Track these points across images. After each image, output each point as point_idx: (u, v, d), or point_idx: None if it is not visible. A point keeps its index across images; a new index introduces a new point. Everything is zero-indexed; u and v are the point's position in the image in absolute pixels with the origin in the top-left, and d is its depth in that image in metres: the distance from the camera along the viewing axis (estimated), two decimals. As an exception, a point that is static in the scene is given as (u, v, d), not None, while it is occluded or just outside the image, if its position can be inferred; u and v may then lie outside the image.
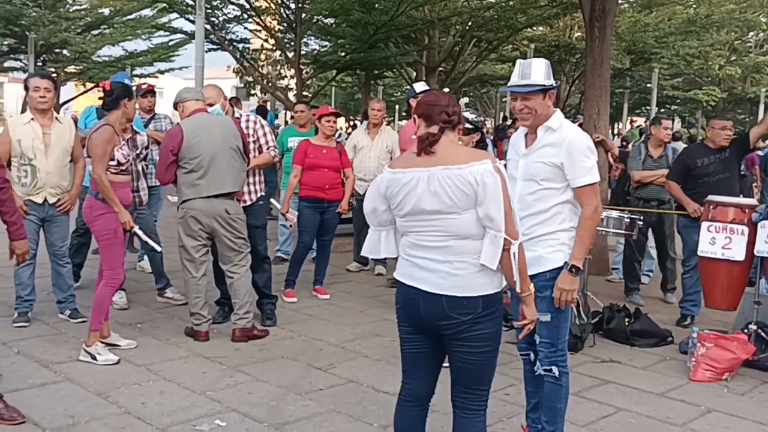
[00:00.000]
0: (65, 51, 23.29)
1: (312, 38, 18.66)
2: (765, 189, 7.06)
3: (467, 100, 33.70)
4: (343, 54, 17.11)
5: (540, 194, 3.54)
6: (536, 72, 3.52)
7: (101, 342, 4.95)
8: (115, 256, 5.00)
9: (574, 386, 4.75)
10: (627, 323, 5.87)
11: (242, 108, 9.65)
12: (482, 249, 2.82)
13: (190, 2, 14.66)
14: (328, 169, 6.72)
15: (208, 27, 14.52)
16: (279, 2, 16.18)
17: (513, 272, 2.86)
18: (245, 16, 16.51)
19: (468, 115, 5.57)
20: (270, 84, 18.13)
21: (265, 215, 6.16)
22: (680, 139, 15.91)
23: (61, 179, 5.55)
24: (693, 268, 6.31)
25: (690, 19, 19.92)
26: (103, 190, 4.89)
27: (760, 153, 11.05)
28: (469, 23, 17.31)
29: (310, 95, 20.32)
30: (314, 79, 21.76)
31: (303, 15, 15.68)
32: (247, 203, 5.82)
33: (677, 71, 27.10)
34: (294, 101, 15.48)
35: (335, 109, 7.13)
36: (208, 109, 5.59)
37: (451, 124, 2.94)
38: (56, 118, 5.56)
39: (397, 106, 36.94)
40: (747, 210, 5.41)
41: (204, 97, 5.63)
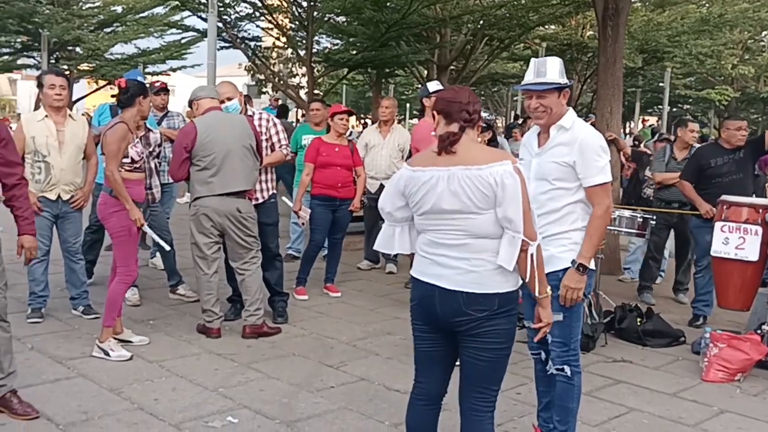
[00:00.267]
0: (78, 48, 23.40)
1: (324, 36, 18.66)
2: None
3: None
4: (355, 52, 17.10)
5: (552, 194, 3.53)
6: (551, 70, 3.52)
7: (114, 338, 4.98)
8: (129, 253, 5.03)
9: (586, 386, 4.73)
10: (639, 323, 5.85)
11: (254, 106, 9.67)
12: (500, 249, 2.81)
13: (203, 0, 14.70)
14: (341, 167, 6.73)
15: (221, 25, 14.54)
16: (291, 0, 16.19)
17: (528, 273, 2.85)
18: (257, 14, 16.52)
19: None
20: (281, 82, 18.14)
21: (277, 213, 6.18)
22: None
23: (75, 176, 5.58)
24: (705, 268, 6.29)
25: (703, 18, 19.80)
26: (116, 187, 4.91)
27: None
28: (481, 21, 17.25)
29: (321, 93, 20.31)
30: (325, 78, 21.74)
31: (315, 13, 15.68)
32: (259, 201, 5.84)
33: (690, 70, 26.93)
34: (305, 99, 15.54)
35: (348, 107, 7.14)
36: (227, 104, 5.61)
37: (472, 123, 2.92)
38: (70, 115, 5.59)
39: (408, 105, 36.89)
40: (761, 210, 5.38)
41: (219, 95, 5.64)
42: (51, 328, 5.46)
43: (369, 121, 24.47)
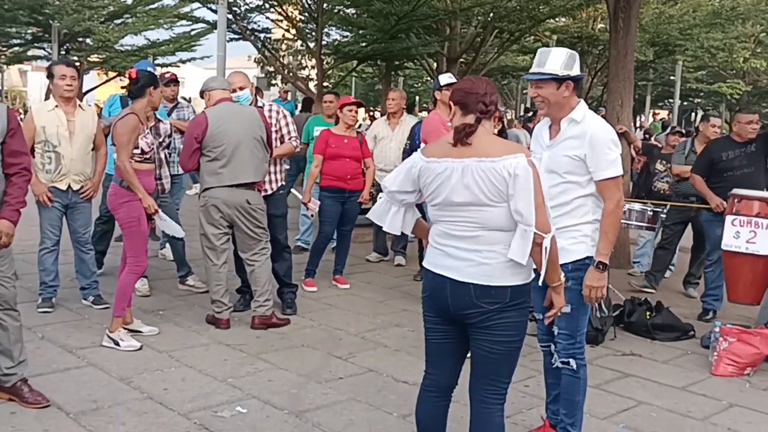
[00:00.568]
0: (88, 40, 23.44)
1: (333, 28, 18.62)
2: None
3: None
4: (364, 44, 17.06)
5: (563, 187, 3.51)
6: (552, 61, 3.48)
7: (124, 328, 5.01)
8: (139, 244, 5.04)
9: (595, 379, 4.74)
10: (648, 317, 5.84)
11: (264, 97, 9.67)
12: (512, 243, 2.78)
13: (213, -8, 14.71)
14: (350, 159, 6.73)
15: (230, 16, 14.54)
16: (301, -8, 16.19)
17: (543, 266, 2.83)
18: (267, 6, 16.50)
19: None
20: (291, 74, 18.14)
21: (286, 204, 6.18)
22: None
23: (85, 166, 5.60)
24: (715, 262, 6.26)
25: (715, 11, 19.66)
26: (127, 177, 4.92)
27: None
28: (491, 14, 17.17)
29: (331, 86, 20.29)
30: (335, 70, 21.72)
31: (324, 5, 15.65)
32: (268, 192, 5.84)
33: (701, 64, 26.76)
34: (315, 92, 15.52)
35: (357, 99, 7.13)
36: (239, 93, 5.63)
37: (488, 114, 2.89)
38: (79, 106, 5.61)
39: (417, 97, 36.83)
40: (772, 204, 5.35)
41: (230, 86, 5.65)
42: (61, 318, 5.49)
43: (378, 114, 24.43)
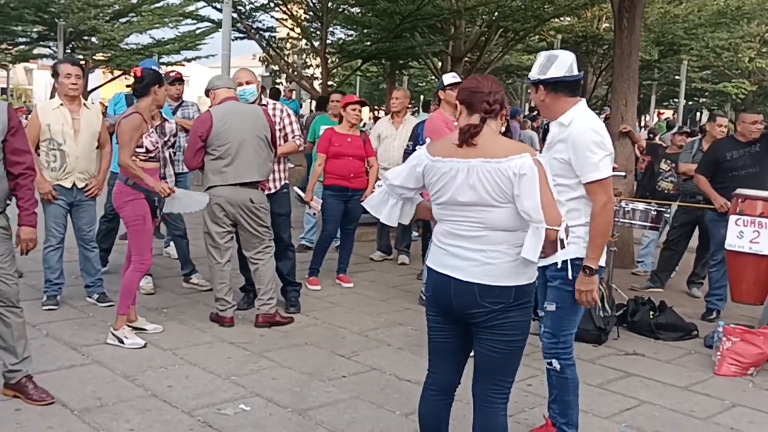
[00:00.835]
0: (94, 38, 23.53)
1: (338, 27, 18.66)
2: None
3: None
4: (369, 43, 17.09)
5: (556, 189, 3.50)
6: (534, 65, 3.57)
7: (128, 326, 5.02)
8: (144, 242, 5.06)
9: (598, 378, 4.76)
10: (652, 316, 5.83)
11: (268, 96, 9.69)
12: (525, 242, 2.76)
13: (218, -9, 14.74)
14: (353, 158, 6.74)
15: (235, 15, 14.56)
16: (305, -9, 16.22)
17: (558, 259, 2.80)
18: (272, 5, 16.54)
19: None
20: (295, 73, 18.16)
21: (289, 203, 6.19)
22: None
23: (89, 164, 5.61)
24: (720, 262, 6.25)
25: (720, 11, 19.63)
26: (131, 173, 4.94)
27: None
28: (496, 13, 17.18)
29: (335, 85, 20.31)
30: (339, 69, 21.75)
31: (329, 4, 15.68)
32: (272, 191, 5.85)
33: (706, 63, 26.72)
34: (319, 91, 15.55)
35: (360, 98, 7.14)
36: (245, 87, 5.65)
37: (493, 113, 2.87)
38: (84, 104, 5.63)
39: (422, 96, 36.81)
40: (776, 204, 5.34)
41: (235, 82, 5.66)
42: (66, 316, 5.51)
43: (382, 113, 24.44)
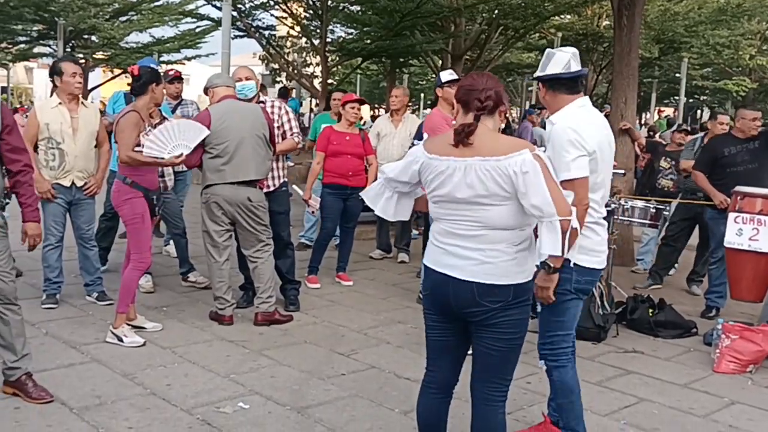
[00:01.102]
0: (94, 37, 23.54)
1: (338, 25, 18.65)
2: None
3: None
4: (369, 42, 17.08)
5: None
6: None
7: (128, 324, 5.03)
8: (143, 240, 5.06)
9: (597, 376, 4.76)
10: (651, 314, 5.83)
11: (267, 95, 9.69)
12: (540, 241, 2.74)
13: (217, -11, 14.74)
14: (352, 156, 6.74)
15: (235, 14, 14.57)
16: (305, -11, 16.22)
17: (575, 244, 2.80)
18: (271, 3, 16.56)
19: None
20: (295, 71, 18.17)
21: (288, 201, 6.20)
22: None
23: (88, 163, 5.62)
24: (720, 260, 6.25)
25: (721, 8, 19.63)
26: (135, 163, 4.94)
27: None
28: (496, 11, 17.17)
29: (335, 83, 20.32)
30: (339, 67, 21.75)
31: (329, 2, 15.69)
32: (270, 189, 5.85)
33: (707, 61, 26.70)
34: (319, 89, 15.55)
35: (359, 96, 7.14)
36: (244, 82, 5.66)
37: (486, 110, 2.84)
38: (82, 103, 5.63)
39: (423, 95, 36.81)
40: (775, 201, 5.33)
41: (234, 80, 5.67)
42: (65, 314, 5.52)
43: (382, 111, 24.44)
